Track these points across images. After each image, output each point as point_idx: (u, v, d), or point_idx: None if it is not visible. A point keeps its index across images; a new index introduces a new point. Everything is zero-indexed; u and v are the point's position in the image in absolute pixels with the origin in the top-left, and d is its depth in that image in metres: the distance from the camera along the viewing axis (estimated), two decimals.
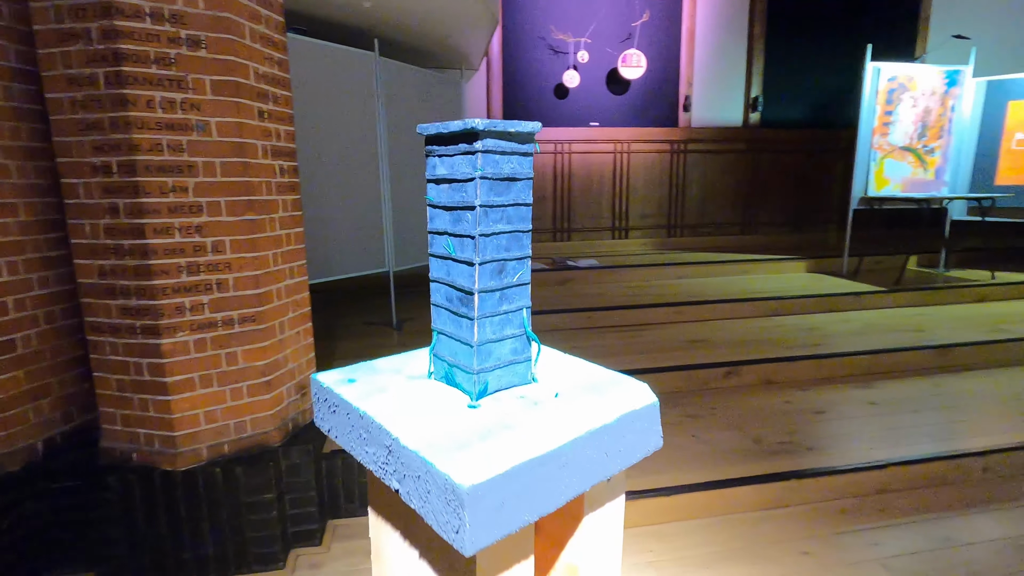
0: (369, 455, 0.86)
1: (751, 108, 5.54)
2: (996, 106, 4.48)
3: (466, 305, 0.91)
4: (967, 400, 2.77)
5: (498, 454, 0.73)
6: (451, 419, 0.84)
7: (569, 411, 0.86)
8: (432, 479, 0.71)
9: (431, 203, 0.96)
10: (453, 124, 0.86)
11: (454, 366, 0.95)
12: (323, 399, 0.98)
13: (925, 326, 3.59)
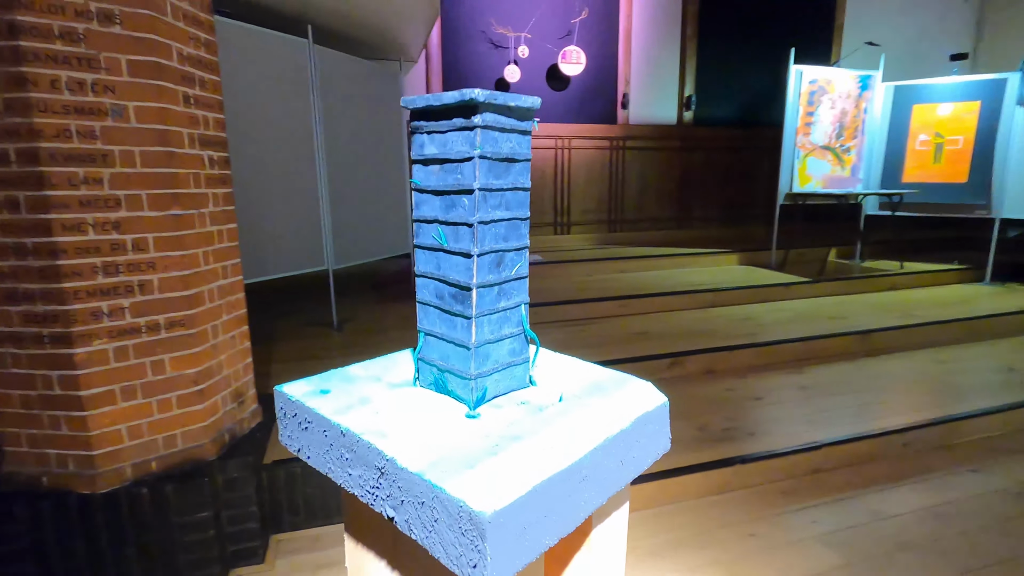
0: (353, 478, 0.74)
1: (685, 107, 5.73)
2: (903, 109, 4.85)
3: (461, 302, 0.81)
4: (887, 381, 2.98)
5: (515, 472, 0.64)
6: (451, 433, 0.73)
7: (580, 417, 0.78)
8: (441, 506, 0.61)
9: (417, 187, 0.84)
10: (447, 95, 0.76)
11: (446, 371, 0.85)
12: (291, 414, 0.85)
13: (847, 313, 3.84)
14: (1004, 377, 3.02)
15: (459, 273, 0.80)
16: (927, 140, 4.80)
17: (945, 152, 4.74)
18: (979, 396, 2.76)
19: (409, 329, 3.51)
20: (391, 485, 0.68)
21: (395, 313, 3.90)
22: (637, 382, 0.91)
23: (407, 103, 0.81)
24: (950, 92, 4.67)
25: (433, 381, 0.88)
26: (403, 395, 0.86)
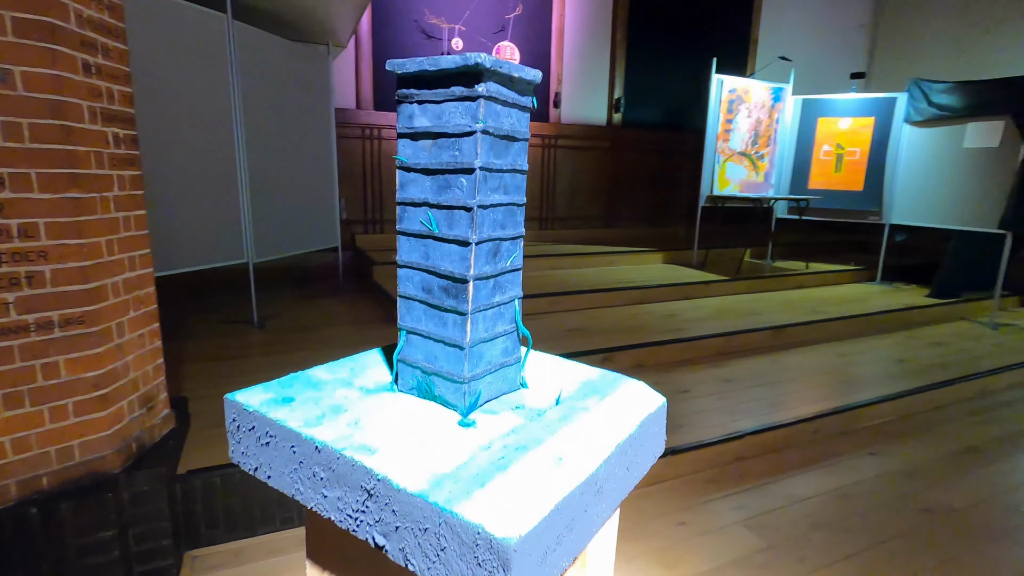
0: (330, 501, 0.64)
1: (614, 108, 5.88)
2: (809, 121, 5.24)
3: (454, 296, 0.72)
4: (797, 373, 3.20)
5: (533, 490, 0.56)
6: (447, 445, 0.64)
7: (585, 423, 0.71)
8: (451, 532, 0.52)
9: (404, 165, 0.74)
10: (445, 59, 0.67)
11: (433, 374, 0.76)
12: (246, 427, 0.73)
13: (761, 310, 4.10)
14: (895, 368, 3.34)
15: (453, 263, 0.72)
16: (830, 151, 5.22)
17: (845, 162, 5.17)
18: (875, 385, 3.03)
19: (338, 326, 3.36)
20: (382, 509, 0.58)
21: (322, 310, 3.72)
22: (632, 382, 0.86)
23: (394, 67, 0.72)
24: (849, 108, 5.09)
25: (416, 385, 0.79)
26: (382, 402, 0.76)
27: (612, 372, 0.91)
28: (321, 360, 2.86)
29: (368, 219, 4.94)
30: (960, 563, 1.82)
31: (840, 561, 1.82)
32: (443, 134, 0.70)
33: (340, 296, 4.08)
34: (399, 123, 0.75)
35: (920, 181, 4.80)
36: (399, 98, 0.75)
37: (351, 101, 4.75)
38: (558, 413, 0.74)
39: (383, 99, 4.85)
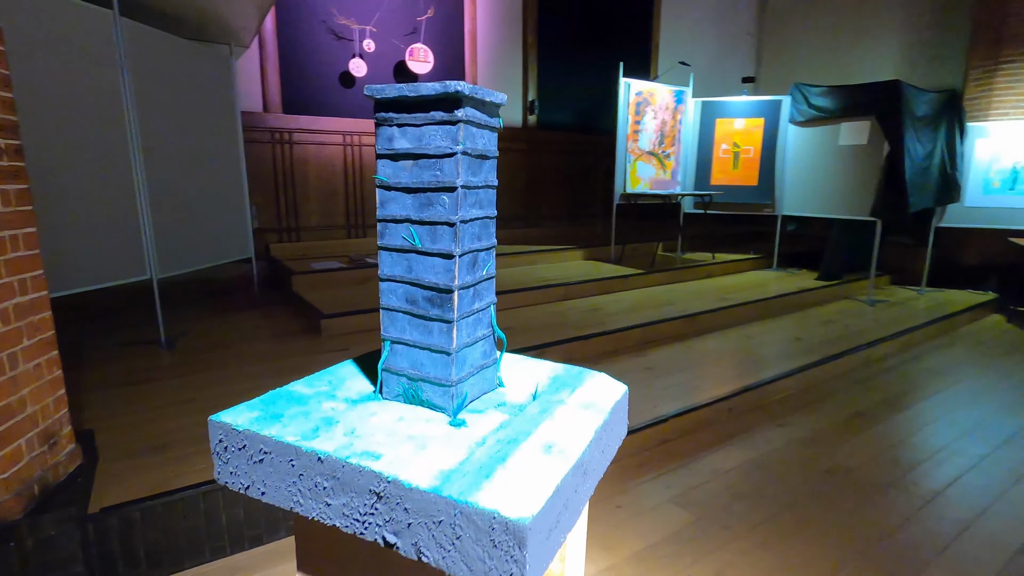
0: (334, 509, 0.66)
1: (529, 111, 6.01)
2: (708, 122, 5.63)
3: (438, 306, 0.77)
4: (711, 356, 3.45)
5: (534, 476, 0.62)
6: (444, 444, 0.69)
7: (564, 413, 0.78)
8: (467, 521, 0.57)
9: (384, 184, 0.78)
10: (425, 86, 0.71)
11: (420, 380, 0.80)
12: (236, 447, 0.73)
13: (675, 300, 4.37)
14: (794, 345, 3.69)
15: (437, 275, 0.77)
16: (728, 149, 5.64)
17: (741, 160, 5.61)
18: (778, 363, 3.33)
19: (257, 341, 3.20)
20: (392, 509, 0.62)
21: (238, 324, 3.52)
22: (596, 374, 0.93)
23: (372, 92, 0.74)
24: (742, 109, 5.53)
25: (402, 392, 0.83)
26: (370, 411, 0.80)
27: (575, 366, 0.97)
28: (242, 378, 2.73)
29: (282, 227, 4.73)
30: (857, 514, 2.06)
31: (760, 525, 1.99)
32: (424, 155, 0.74)
33: (257, 309, 3.88)
34: (378, 145, 0.78)
35: (805, 175, 5.31)
36: (378, 121, 0.78)
37: (258, 104, 4.52)
38: (537, 407, 0.81)
39: (292, 102, 4.67)
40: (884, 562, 1.79)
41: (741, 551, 1.85)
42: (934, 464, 2.43)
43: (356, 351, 3.06)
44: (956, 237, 5.46)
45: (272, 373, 2.70)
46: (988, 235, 5.27)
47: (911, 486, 2.25)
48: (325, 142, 4.80)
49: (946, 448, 2.57)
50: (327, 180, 4.87)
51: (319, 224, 4.90)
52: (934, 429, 2.77)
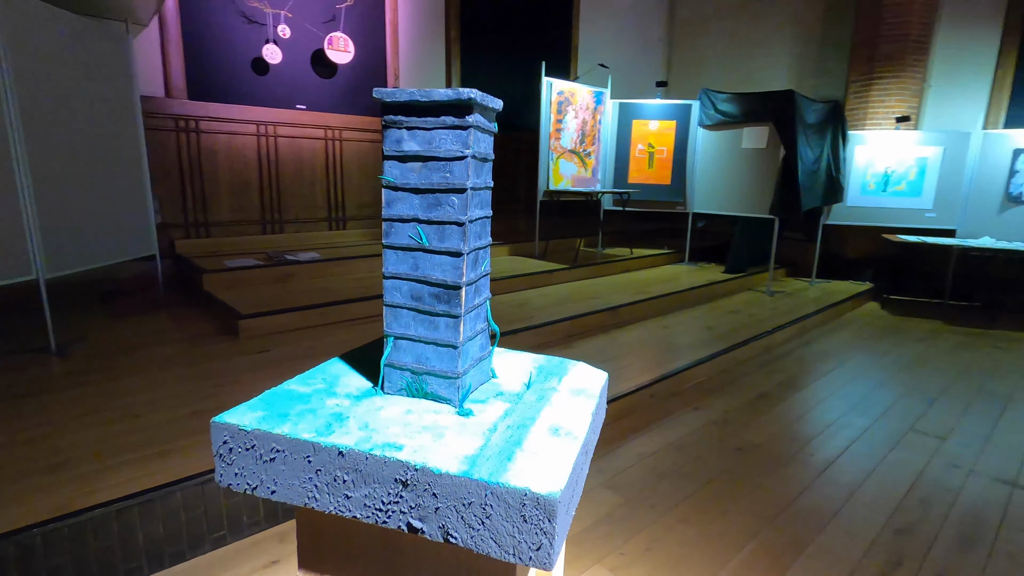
0: (354, 501, 0.69)
1: None
2: (626, 122, 5.89)
3: (445, 302, 0.80)
4: (633, 347, 3.64)
5: (551, 456, 0.67)
6: (460, 432, 0.73)
7: (560, 399, 0.84)
8: (497, 500, 0.62)
9: (392, 184, 0.80)
10: (439, 92, 0.74)
11: (425, 374, 0.83)
12: (243, 447, 0.73)
13: (598, 293, 4.54)
14: (705, 334, 3.96)
15: (445, 272, 0.80)
16: (643, 149, 5.92)
17: (656, 159, 5.92)
18: (693, 350, 3.57)
19: (167, 344, 2.98)
20: (419, 495, 0.65)
21: (143, 328, 3.25)
22: (576, 363, 1.00)
23: (382, 95, 0.74)
24: (656, 112, 5.83)
25: (406, 386, 0.86)
26: (376, 405, 0.82)
27: (555, 356, 1.04)
28: (155, 386, 2.55)
29: (190, 222, 4.42)
30: (764, 487, 2.26)
31: (682, 502, 2.15)
32: (434, 158, 0.77)
33: (164, 311, 3.61)
34: (386, 146, 0.80)
35: (713, 176, 5.69)
36: (386, 123, 0.80)
37: (159, 88, 4.18)
38: (533, 395, 0.86)
39: (198, 87, 4.35)
40: (790, 527, 1.99)
41: (666, 527, 1.99)
42: (827, 436, 2.71)
43: (281, 353, 2.93)
44: (840, 233, 6.08)
45: (191, 378, 2.53)
46: (866, 232, 5.91)
47: (808, 457, 2.51)
48: (237, 131, 4.52)
49: (836, 422, 2.88)
50: (239, 172, 4.59)
51: (231, 219, 4.61)
52: (826, 405, 3.10)
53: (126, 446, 1.93)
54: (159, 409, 2.22)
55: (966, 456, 2.56)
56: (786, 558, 1.82)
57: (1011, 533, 2.00)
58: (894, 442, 2.67)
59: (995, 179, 5.30)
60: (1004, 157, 5.24)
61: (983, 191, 5.36)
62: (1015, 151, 5.20)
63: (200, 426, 2.08)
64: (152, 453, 1.89)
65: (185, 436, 2.01)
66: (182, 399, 2.31)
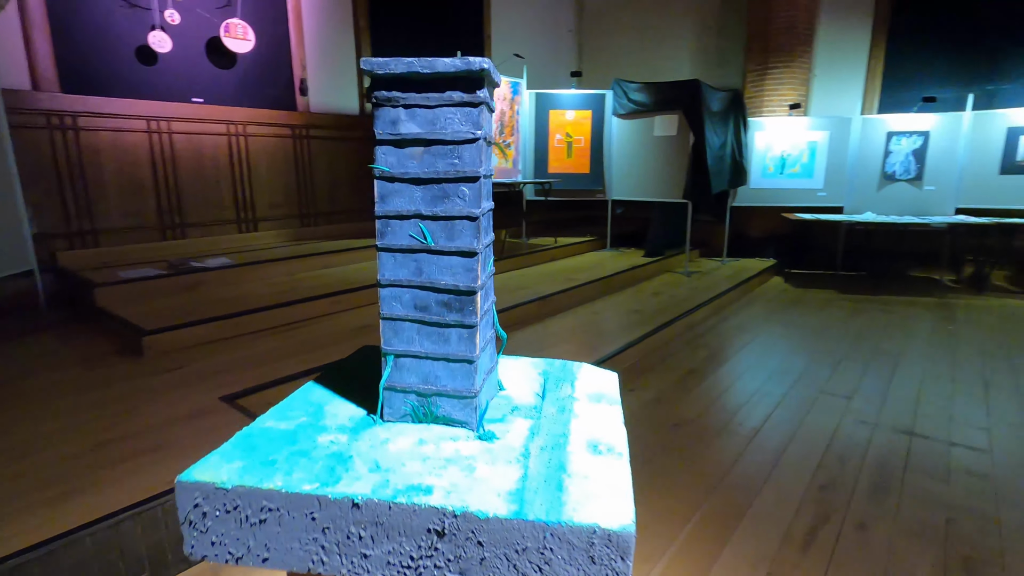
0: (375, 559, 0.56)
1: (366, 98, 5.75)
2: (543, 113, 5.93)
3: (457, 310, 0.68)
4: (566, 334, 3.69)
5: (603, 479, 0.60)
6: (490, 462, 0.62)
7: (583, 410, 0.76)
8: (559, 542, 0.52)
9: (386, 175, 0.67)
10: (442, 62, 0.61)
11: (435, 395, 0.71)
12: (222, 509, 0.58)
13: (527, 284, 4.56)
14: (633, 317, 4.09)
15: (455, 276, 0.68)
16: (561, 139, 6.00)
17: (574, 149, 6.02)
18: (623, 334, 3.68)
19: (57, 370, 2.64)
20: (460, 545, 0.55)
21: (25, 352, 2.87)
22: (582, 365, 0.92)
23: (372, 66, 0.60)
24: (572, 102, 5.92)
25: (410, 411, 0.73)
26: (379, 438, 0.69)
27: (555, 360, 0.95)
28: (50, 417, 2.25)
29: (73, 231, 3.95)
30: (701, 457, 2.37)
31: None
32: (439, 141, 0.65)
33: (49, 332, 3.20)
34: (378, 128, 0.66)
35: (629, 163, 5.87)
36: (378, 101, 0.65)
37: (24, 80, 3.68)
38: (552, 406, 0.77)
39: (73, 79, 3.88)
40: (729, 495, 2.10)
41: None
42: (751, 406, 2.89)
43: (196, 369, 2.69)
44: (745, 214, 6.49)
45: (90, 405, 2.25)
46: (768, 211, 6.35)
47: (738, 427, 2.65)
48: (124, 128, 4.08)
49: (758, 391, 3.07)
50: (129, 173, 4.16)
51: (124, 225, 4.17)
52: (747, 377, 3.30)
53: (15, 492, 1.69)
54: (54, 444, 1.96)
55: (870, 412, 2.81)
56: (729, 526, 1.91)
57: (914, 476, 2.22)
58: (809, 406, 2.89)
59: (873, 159, 5.87)
60: (880, 139, 5.81)
61: (864, 170, 5.91)
62: (888, 133, 5.77)
63: (109, 458, 1.86)
64: (51, 496, 1.67)
65: (90, 472, 1.79)
66: (82, 430, 2.06)
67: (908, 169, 5.75)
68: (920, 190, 5.74)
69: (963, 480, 2.21)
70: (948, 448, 2.46)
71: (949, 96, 5.84)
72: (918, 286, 5.76)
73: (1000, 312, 4.79)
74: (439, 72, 0.64)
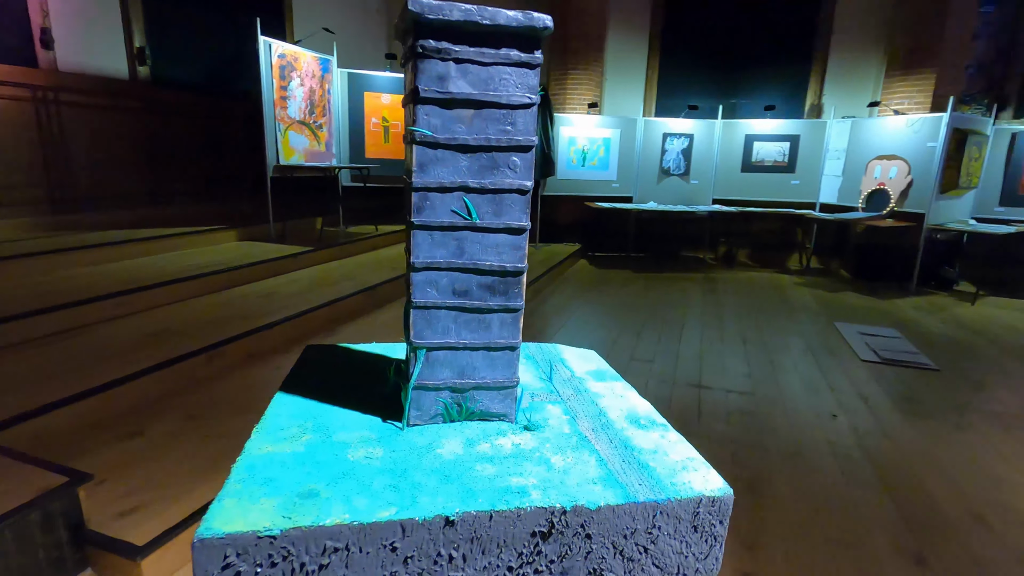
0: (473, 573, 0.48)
1: (138, 60, 4.84)
2: (357, 94, 5.66)
3: (501, 293, 0.63)
4: (398, 326, 3.60)
5: (674, 449, 0.62)
6: (558, 452, 0.60)
7: (596, 388, 0.80)
8: (667, 517, 0.52)
9: (429, 139, 0.57)
10: (502, 14, 0.52)
11: (471, 390, 0.64)
12: (273, 560, 0.44)
13: (351, 274, 4.35)
14: None
15: (501, 255, 0.63)
16: (378, 123, 5.80)
17: (391, 134, 5.86)
18: None
19: None
20: (566, 543, 0.50)
21: None
22: (557, 345, 0.96)
23: (420, 8, 0.45)
24: (388, 85, 5.75)
25: (442, 410, 0.66)
26: (421, 443, 0.61)
27: (530, 343, 0.94)
28: None
29: None
30: None
31: None
32: (493, 103, 0.57)
33: None
34: (421, 83, 0.55)
35: None
36: (423, 51, 0.54)
37: None
38: (568, 389, 0.77)
39: None
40: None
41: None
42: None
43: None
44: (554, 203, 7.04)
45: None
46: (573, 200, 6.98)
47: None
48: None
49: None
50: None
51: None
52: None
53: None
54: None
55: (668, 372, 3.31)
56: None
57: (706, 421, 2.68)
58: (623, 371, 3.27)
59: (654, 156, 6.82)
60: (657, 139, 6.77)
61: (647, 165, 6.84)
62: (664, 134, 6.76)
63: None
64: None
65: None
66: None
67: (679, 165, 6.81)
68: (688, 183, 6.85)
69: (738, 419, 2.74)
70: (726, 395, 3.02)
71: (706, 106, 7.04)
72: (689, 264, 6.90)
73: (746, 282, 5.99)
74: (499, 25, 0.56)
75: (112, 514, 1.61)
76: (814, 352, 3.77)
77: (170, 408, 2.31)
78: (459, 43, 0.58)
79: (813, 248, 6.96)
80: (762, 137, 6.60)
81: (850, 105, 6.78)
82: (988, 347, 4.04)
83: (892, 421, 2.77)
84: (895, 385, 3.24)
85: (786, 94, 7.11)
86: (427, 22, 0.56)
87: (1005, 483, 2.24)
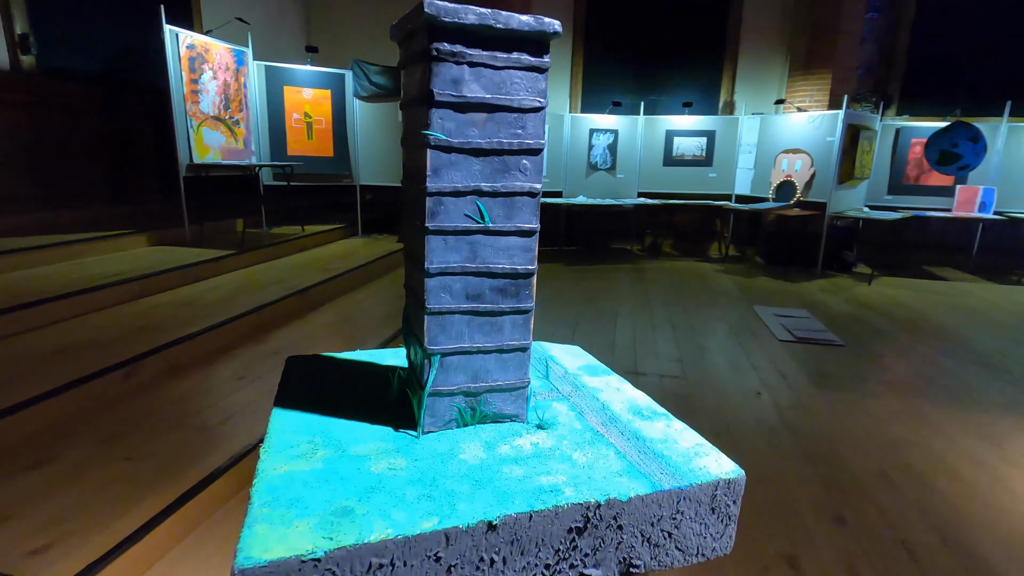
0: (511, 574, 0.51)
1: (21, 48, 4.36)
2: (276, 88, 5.40)
3: (512, 295, 0.64)
4: (333, 328, 3.50)
5: (680, 436, 0.64)
6: (577, 448, 0.62)
7: (592, 383, 0.82)
8: (688, 502, 0.55)
9: (443, 143, 0.57)
10: (515, 19, 0.53)
11: (485, 393, 0.64)
12: (336, 570, 0.45)
13: (279, 278, 4.16)
14: (399, 303, 4.10)
15: (513, 258, 0.64)
16: (300, 119, 5.57)
17: (315, 130, 5.65)
18: (392, 323, 3.66)
19: None
20: (600, 536, 0.53)
21: None
22: (548, 344, 0.99)
23: (437, 11, 0.48)
24: (309, 79, 5.52)
25: (456, 415, 0.65)
26: (441, 450, 0.60)
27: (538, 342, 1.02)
28: None
29: None
30: None
31: None
32: (505, 107, 0.57)
33: None
34: (436, 86, 0.54)
35: (376, 148, 5.79)
36: (438, 55, 0.53)
37: None
38: (566, 386, 0.78)
39: None
40: None
41: None
42: None
43: None
44: None
45: None
46: None
47: None
48: None
49: None
50: None
51: None
52: None
53: None
54: None
55: (606, 361, 3.41)
56: None
57: None
58: None
59: (581, 151, 6.98)
60: (584, 135, 6.94)
61: (575, 160, 6.99)
62: (590, 130, 6.93)
63: None
64: None
65: None
66: None
67: (605, 160, 7.01)
68: (615, 178, 7.07)
69: (672, 402, 2.88)
70: (660, 380, 3.16)
71: (629, 102, 7.29)
72: (618, 255, 7.13)
73: (672, 271, 6.28)
74: (512, 29, 0.56)
75: (21, 553, 1.46)
76: (737, 334, 4.02)
77: (81, 432, 2.12)
78: (473, 47, 0.58)
79: (731, 237, 7.40)
80: (681, 132, 6.92)
81: (759, 102, 7.25)
82: (883, 322, 4.47)
83: (808, 394, 3.02)
84: (808, 361, 3.52)
85: (702, 91, 7.49)
86: (442, 25, 0.55)
87: (903, 443, 2.50)
